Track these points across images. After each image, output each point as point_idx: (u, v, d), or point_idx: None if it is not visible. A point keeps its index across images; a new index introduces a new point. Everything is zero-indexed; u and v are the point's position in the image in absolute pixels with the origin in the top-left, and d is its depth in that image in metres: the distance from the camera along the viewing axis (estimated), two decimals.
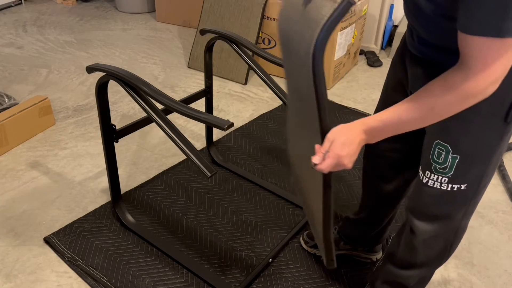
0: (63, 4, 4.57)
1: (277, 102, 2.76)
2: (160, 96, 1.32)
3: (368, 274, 1.54)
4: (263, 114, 2.62)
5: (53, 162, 2.12)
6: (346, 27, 2.87)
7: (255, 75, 2.92)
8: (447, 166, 1.03)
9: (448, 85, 0.83)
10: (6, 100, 2.40)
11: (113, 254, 1.61)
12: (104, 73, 1.41)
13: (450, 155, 1.01)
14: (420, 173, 1.11)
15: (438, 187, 1.06)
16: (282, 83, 3.03)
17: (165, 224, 1.76)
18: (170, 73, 3.13)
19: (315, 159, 0.92)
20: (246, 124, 2.51)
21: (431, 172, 1.06)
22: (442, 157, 1.02)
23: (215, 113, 2.61)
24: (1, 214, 1.78)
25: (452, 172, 1.03)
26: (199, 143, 2.32)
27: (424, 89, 0.87)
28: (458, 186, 1.05)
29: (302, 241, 1.68)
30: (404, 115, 0.88)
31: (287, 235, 1.71)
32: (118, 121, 2.49)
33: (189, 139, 1.75)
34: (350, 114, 2.65)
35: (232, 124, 1.20)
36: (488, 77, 0.79)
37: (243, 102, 2.77)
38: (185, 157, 2.08)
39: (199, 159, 1.25)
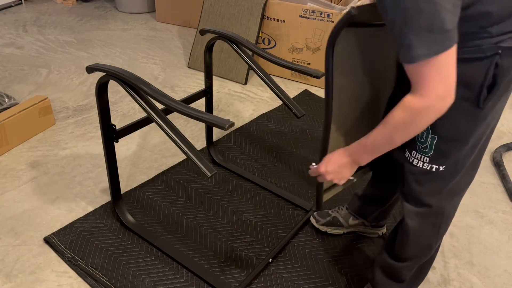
0: (63, 4, 4.57)
1: (277, 102, 2.76)
2: (160, 96, 1.32)
3: (368, 270, 1.54)
4: (263, 114, 2.62)
5: (53, 162, 2.12)
6: None
7: (255, 75, 2.92)
8: (427, 145, 1.08)
9: (404, 107, 0.92)
10: (6, 100, 2.40)
11: (113, 254, 1.61)
12: (104, 73, 1.41)
13: (430, 135, 1.07)
14: (407, 152, 1.16)
15: (421, 166, 1.12)
16: (282, 83, 3.03)
17: (165, 224, 1.76)
18: (170, 73, 3.13)
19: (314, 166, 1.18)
20: (246, 124, 2.51)
21: (416, 151, 1.12)
22: (424, 136, 1.08)
23: (215, 113, 2.61)
24: (1, 214, 1.78)
25: (432, 152, 1.09)
26: (199, 143, 2.31)
27: (390, 112, 0.96)
28: (437, 166, 1.10)
29: (313, 220, 1.75)
30: (377, 137, 1.01)
31: (287, 235, 1.71)
32: (118, 121, 2.49)
33: (189, 139, 1.75)
34: None
35: (232, 124, 1.20)
36: (432, 95, 0.87)
37: (243, 102, 2.77)
38: (185, 157, 2.08)
39: (199, 159, 1.25)
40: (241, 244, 1.68)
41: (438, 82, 0.86)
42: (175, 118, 2.48)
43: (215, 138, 2.32)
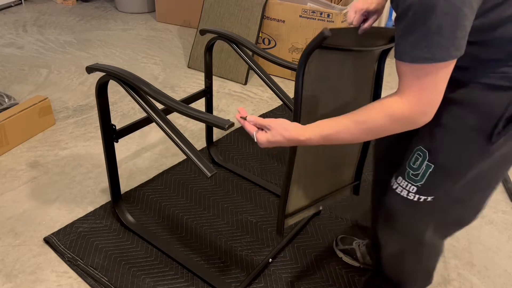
0: (63, 4, 4.57)
1: (277, 102, 2.75)
2: (160, 96, 1.32)
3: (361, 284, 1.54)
4: (263, 114, 2.62)
5: (53, 162, 2.11)
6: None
7: (255, 75, 2.92)
8: (419, 173, 1.01)
9: (383, 105, 0.86)
10: (6, 100, 2.40)
11: (113, 254, 1.61)
12: (104, 73, 1.41)
13: (426, 162, 0.99)
14: (393, 179, 1.09)
15: (405, 195, 1.04)
16: (282, 83, 3.03)
17: (165, 224, 1.76)
18: (170, 73, 3.13)
19: (248, 116, 1.03)
20: None
21: (403, 178, 1.04)
22: (418, 163, 1.00)
23: (215, 113, 2.61)
24: (1, 214, 1.78)
25: (422, 182, 1.01)
26: (199, 143, 2.31)
27: (367, 111, 0.89)
28: (425, 197, 1.02)
29: (334, 241, 1.67)
30: (344, 133, 0.91)
31: (287, 235, 1.71)
32: (118, 121, 2.49)
33: (189, 139, 1.75)
34: None
35: (232, 124, 1.20)
36: (416, 101, 0.81)
37: (243, 102, 2.77)
38: (185, 157, 2.08)
39: (199, 159, 1.25)
40: (241, 244, 1.68)
41: (429, 92, 0.80)
42: (175, 118, 2.48)
43: (215, 138, 2.32)
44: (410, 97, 0.81)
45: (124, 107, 2.63)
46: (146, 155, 2.21)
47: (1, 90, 2.62)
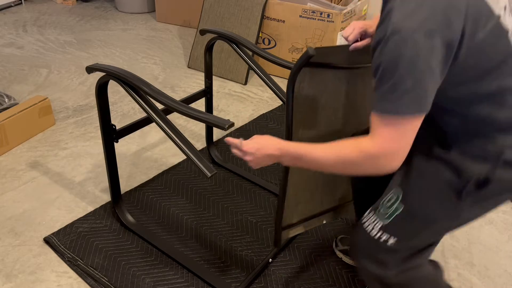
0: (63, 4, 4.57)
1: (277, 102, 2.75)
2: (160, 96, 1.32)
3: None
4: (263, 114, 2.62)
5: (53, 162, 2.11)
6: (346, 27, 2.87)
7: (255, 75, 2.92)
8: (388, 212, 1.03)
9: (357, 141, 0.92)
10: (6, 100, 2.40)
11: (113, 254, 1.61)
12: (104, 73, 1.41)
13: (398, 202, 1.02)
14: (366, 212, 1.11)
15: (370, 229, 1.06)
16: (282, 83, 3.03)
17: (165, 224, 1.76)
18: (170, 73, 3.13)
19: (235, 140, 1.06)
20: (246, 124, 2.51)
21: (374, 212, 1.06)
22: (391, 202, 1.03)
23: (215, 113, 2.61)
24: (1, 214, 1.78)
25: (389, 220, 1.03)
26: (199, 143, 2.31)
27: (343, 145, 0.94)
28: (387, 236, 1.03)
29: (334, 242, 1.68)
30: (315, 152, 0.96)
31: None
32: (118, 121, 2.49)
33: (189, 139, 1.75)
34: None
35: (232, 124, 1.20)
36: (384, 146, 0.87)
37: (243, 102, 2.77)
38: (185, 157, 2.08)
39: (199, 159, 1.25)
40: (241, 244, 1.68)
41: (396, 140, 0.86)
42: (175, 118, 2.48)
43: (215, 138, 2.32)
44: (379, 141, 0.87)
45: (124, 107, 2.63)
46: (146, 155, 2.21)
47: (1, 90, 2.62)
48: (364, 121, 1.32)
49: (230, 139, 1.07)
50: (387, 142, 0.87)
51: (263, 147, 1.02)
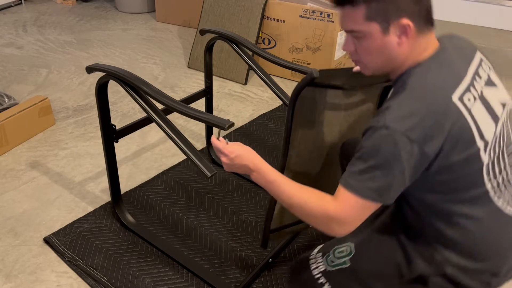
0: (63, 4, 4.57)
1: (277, 102, 2.75)
2: (160, 96, 1.32)
3: None
4: (263, 114, 2.62)
5: (53, 162, 2.11)
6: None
7: (255, 75, 2.92)
8: (335, 262, 1.07)
9: (323, 195, 0.96)
10: (6, 100, 2.40)
11: (113, 254, 1.60)
12: (104, 73, 1.41)
13: (347, 258, 1.06)
14: (316, 249, 1.15)
15: (313, 268, 1.10)
16: (282, 83, 3.03)
17: (165, 224, 1.76)
18: (170, 73, 3.13)
19: (219, 140, 1.10)
20: (246, 124, 2.51)
21: (323, 256, 1.10)
22: (342, 254, 1.07)
23: (215, 113, 2.61)
24: (1, 214, 1.78)
25: (333, 269, 1.07)
26: (199, 143, 2.31)
27: (315, 196, 0.97)
28: (325, 281, 1.07)
29: None
30: (284, 187, 1.00)
31: (287, 235, 1.71)
32: (118, 121, 2.49)
33: (189, 139, 1.75)
34: None
35: (232, 124, 1.20)
36: (340, 211, 0.92)
37: (243, 102, 2.77)
38: (185, 157, 2.08)
39: (199, 159, 1.25)
40: (241, 244, 1.68)
41: (352, 213, 0.91)
42: (175, 118, 2.48)
43: None
44: (340, 207, 0.92)
45: (124, 107, 2.63)
46: (146, 155, 2.21)
47: (1, 90, 2.62)
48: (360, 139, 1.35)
49: (214, 140, 1.10)
50: (345, 212, 0.92)
51: (241, 155, 1.06)
